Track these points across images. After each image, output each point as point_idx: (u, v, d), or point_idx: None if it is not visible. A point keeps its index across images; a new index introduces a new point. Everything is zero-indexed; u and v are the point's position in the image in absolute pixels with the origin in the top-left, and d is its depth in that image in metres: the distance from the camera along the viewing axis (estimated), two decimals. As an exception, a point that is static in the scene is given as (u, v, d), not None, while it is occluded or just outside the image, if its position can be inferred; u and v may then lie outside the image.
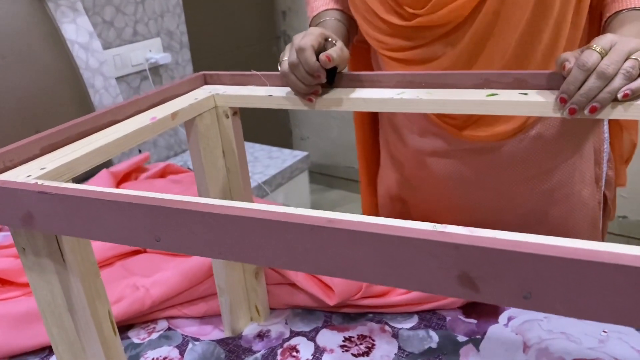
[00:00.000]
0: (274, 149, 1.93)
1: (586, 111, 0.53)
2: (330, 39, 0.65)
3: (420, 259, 0.28)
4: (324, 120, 2.66)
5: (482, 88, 0.60)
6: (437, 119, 0.80)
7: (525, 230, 0.90)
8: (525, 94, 0.57)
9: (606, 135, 0.85)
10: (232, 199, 0.74)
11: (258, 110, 0.72)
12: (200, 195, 0.72)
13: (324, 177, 2.79)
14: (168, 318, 0.82)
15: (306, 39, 0.62)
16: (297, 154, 1.85)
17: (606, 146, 0.85)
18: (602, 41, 0.54)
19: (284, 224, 0.30)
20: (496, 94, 0.58)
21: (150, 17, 1.77)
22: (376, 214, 1.08)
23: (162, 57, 1.78)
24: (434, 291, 0.29)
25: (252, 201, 0.76)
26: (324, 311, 0.81)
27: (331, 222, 0.30)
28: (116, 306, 0.78)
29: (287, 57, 0.63)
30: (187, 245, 0.36)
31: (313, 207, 2.56)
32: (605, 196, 0.88)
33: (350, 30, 0.83)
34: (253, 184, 1.65)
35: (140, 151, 1.70)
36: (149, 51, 1.77)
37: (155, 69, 1.81)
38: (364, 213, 1.10)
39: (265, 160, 1.83)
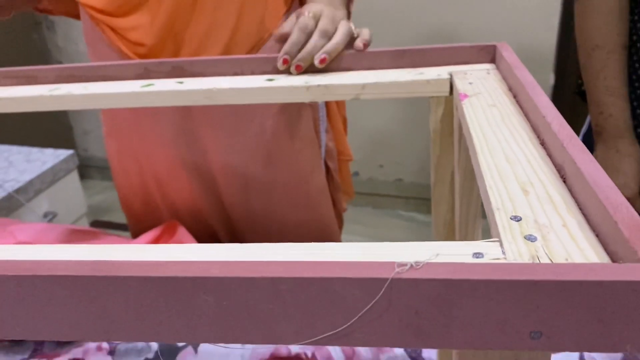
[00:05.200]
0: (34, 150, 1.71)
1: (317, 62, 0.54)
2: None
3: None
4: (108, 111, 2.44)
5: (143, 78, 0.56)
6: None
7: (263, 194, 0.87)
8: (181, 82, 0.54)
9: (321, 102, 0.84)
10: None
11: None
12: None
13: (115, 173, 2.59)
14: None
15: None
16: (61, 154, 1.67)
17: (322, 114, 0.85)
18: (313, 8, 0.57)
19: None
20: (152, 84, 0.54)
21: None
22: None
23: None
24: None
25: None
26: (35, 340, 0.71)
27: None
28: None
29: None
30: None
31: (96, 211, 2.35)
32: (328, 166, 0.88)
33: None
34: (2, 194, 1.44)
35: None
36: None
37: None
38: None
39: (22, 165, 1.61)
